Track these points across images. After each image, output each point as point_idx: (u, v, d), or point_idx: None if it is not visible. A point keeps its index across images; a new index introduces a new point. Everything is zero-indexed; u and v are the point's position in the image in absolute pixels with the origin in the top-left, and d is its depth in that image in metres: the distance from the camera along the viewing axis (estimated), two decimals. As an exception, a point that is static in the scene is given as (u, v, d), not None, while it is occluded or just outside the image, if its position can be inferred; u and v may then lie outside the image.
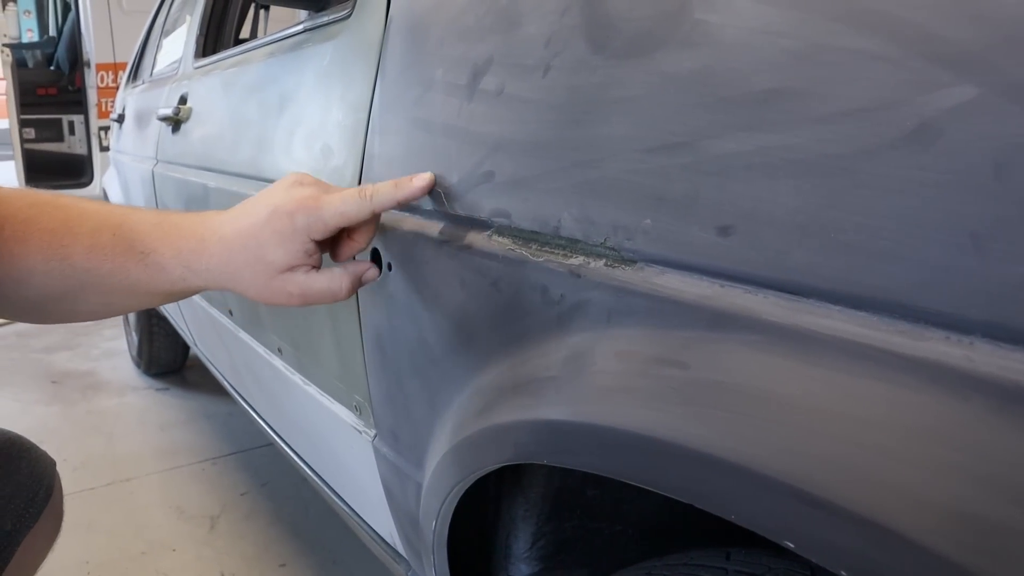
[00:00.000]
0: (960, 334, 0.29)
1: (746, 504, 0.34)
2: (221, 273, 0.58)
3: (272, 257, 0.56)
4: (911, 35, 0.31)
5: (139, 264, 0.57)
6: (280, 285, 0.57)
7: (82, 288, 0.58)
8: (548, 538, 0.66)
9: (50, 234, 0.56)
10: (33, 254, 0.56)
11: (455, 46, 0.60)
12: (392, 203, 0.58)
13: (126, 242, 0.57)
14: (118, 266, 0.57)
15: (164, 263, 0.58)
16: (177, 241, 0.58)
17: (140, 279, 0.58)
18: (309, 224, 0.56)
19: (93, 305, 0.60)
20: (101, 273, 0.57)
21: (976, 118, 0.29)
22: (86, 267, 0.57)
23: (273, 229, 0.56)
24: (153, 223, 0.59)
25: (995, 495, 0.27)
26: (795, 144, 0.35)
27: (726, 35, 0.39)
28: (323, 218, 0.56)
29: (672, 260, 0.41)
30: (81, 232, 0.57)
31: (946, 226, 0.30)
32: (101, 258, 0.57)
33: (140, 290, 0.59)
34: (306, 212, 0.56)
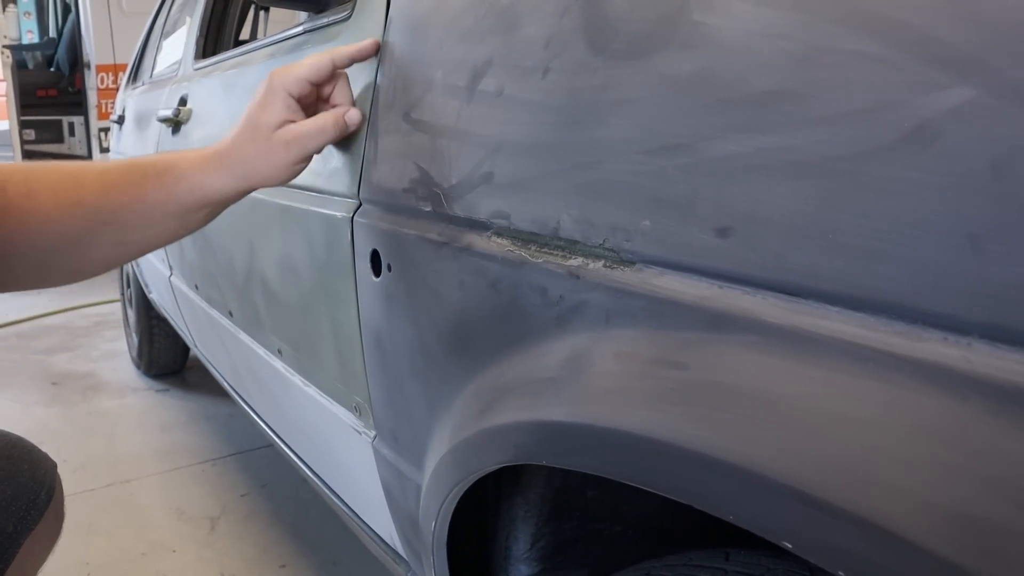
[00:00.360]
0: (958, 335, 0.29)
1: (744, 505, 0.34)
2: (233, 163, 0.65)
3: (262, 119, 0.64)
4: (909, 37, 0.31)
5: (156, 183, 0.63)
6: (276, 140, 0.64)
7: (97, 229, 0.61)
8: (548, 539, 0.66)
9: (57, 184, 0.60)
10: (44, 203, 0.59)
11: (454, 48, 0.60)
12: (347, 58, 0.67)
13: (137, 172, 0.63)
14: (134, 195, 0.62)
15: (181, 172, 0.63)
16: (191, 154, 0.65)
17: (158, 199, 0.63)
18: (284, 81, 0.65)
19: (106, 247, 0.64)
20: (116, 207, 0.61)
21: (974, 120, 0.29)
22: (100, 205, 0.61)
23: (258, 102, 0.65)
24: (158, 155, 0.66)
25: (994, 496, 0.27)
26: (794, 146, 0.35)
27: (725, 37, 0.39)
28: (293, 72, 0.65)
29: (671, 261, 0.41)
30: (87, 179, 0.61)
31: (944, 227, 0.30)
32: (115, 193, 0.61)
33: (156, 213, 0.64)
34: (280, 74, 0.65)
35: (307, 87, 0.65)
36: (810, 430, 0.32)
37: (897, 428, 0.30)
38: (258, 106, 0.65)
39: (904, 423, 0.29)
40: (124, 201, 0.61)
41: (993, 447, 0.27)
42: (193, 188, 0.64)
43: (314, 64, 0.65)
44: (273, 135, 0.64)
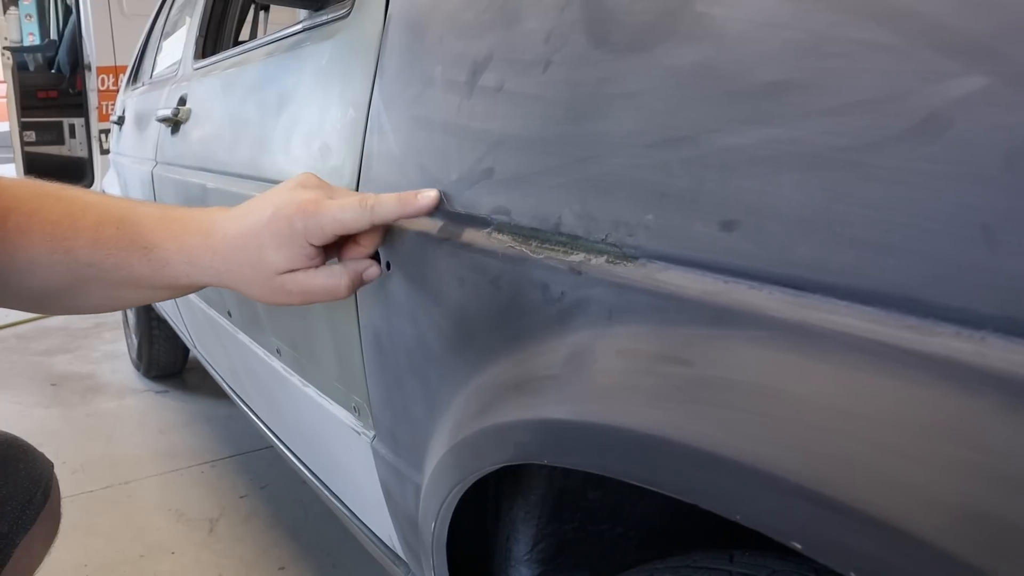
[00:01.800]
0: (972, 329, 0.28)
1: (752, 504, 0.33)
2: (224, 271, 0.58)
3: (272, 259, 0.56)
4: (918, 25, 0.31)
5: (143, 259, 0.57)
6: (280, 284, 0.57)
7: (85, 282, 0.58)
8: (548, 540, 0.65)
9: (53, 225, 0.56)
10: (36, 246, 0.55)
11: (454, 43, 0.60)
12: (393, 217, 0.57)
13: (129, 236, 0.57)
14: (121, 260, 0.57)
15: (168, 258, 0.58)
16: (181, 237, 0.58)
17: (144, 274, 0.58)
18: (307, 228, 0.55)
19: (97, 299, 0.60)
20: (105, 267, 0.57)
21: (986, 109, 0.28)
22: (89, 261, 0.57)
23: (272, 231, 0.56)
24: (157, 217, 0.59)
25: (1010, 493, 0.26)
26: (800, 137, 0.34)
27: (729, 28, 0.38)
28: (321, 224, 0.55)
29: (675, 256, 0.40)
30: (84, 225, 0.57)
31: (956, 219, 0.29)
32: (105, 252, 0.57)
33: (143, 284, 0.59)
34: (304, 217, 0.55)
35: (333, 239, 0.57)
36: (820, 427, 0.31)
37: (910, 425, 0.29)
38: (270, 237, 0.56)
39: (917, 420, 0.29)
40: (112, 263, 0.57)
41: (1009, 444, 0.26)
42: (178, 276, 0.58)
43: (347, 220, 0.56)
44: (277, 277, 0.57)
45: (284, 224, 0.56)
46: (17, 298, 0.59)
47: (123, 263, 0.57)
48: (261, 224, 0.56)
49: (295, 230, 0.55)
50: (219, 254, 0.58)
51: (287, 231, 0.56)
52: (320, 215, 0.55)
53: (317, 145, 0.82)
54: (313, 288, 0.58)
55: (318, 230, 0.55)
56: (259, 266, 0.57)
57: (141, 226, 0.58)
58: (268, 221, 0.56)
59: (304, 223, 0.55)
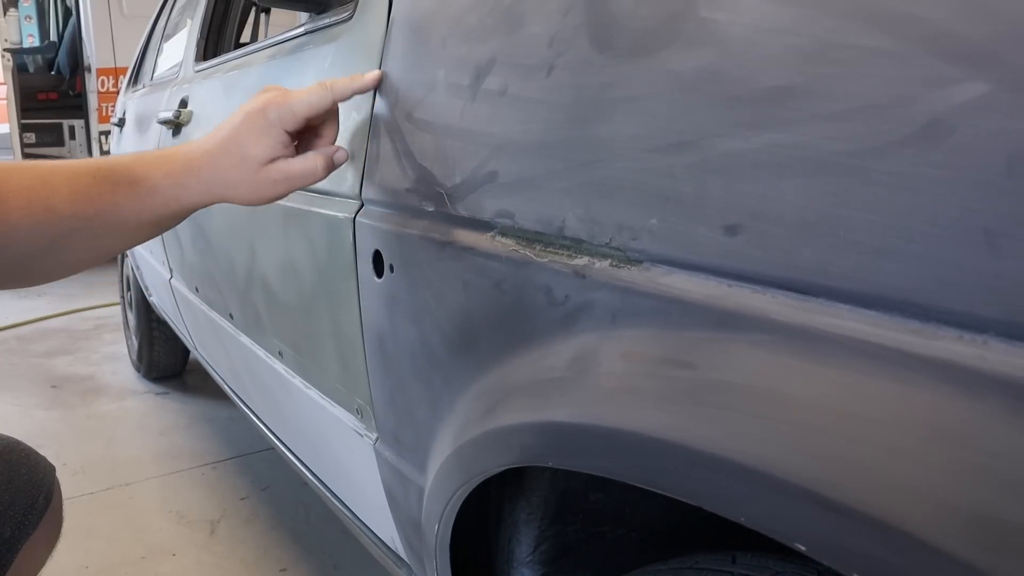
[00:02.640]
0: (974, 333, 0.29)
1: (756, 506, 0.33)
2: (211, 180, 0.62)
3: (253, 152, 0.61)
4: (921, 31, 0.31)
5: (129, 194, 0.60)
6: (265, 176, 0.62)
7: (69, 235, 0.59)
8: (551, 542, 0.66)
9: (26, 190, 0.57)
10: (12, 212, 0.56)
11: (457, 47, 0.60)
12: (349, 92, 0.65)
13: (111, 180, 0.60)
14: (106, 204, 0.59)
15: (155, 185, 0.61)
16: (164, 164, 0.62)
17: (132, 210, 0.60)
18: (281, 116, 0.61)
19: (80, 252, 0.61)
20: (88, 216, 0.59)
21: (988, 114, 0.29)
22: (71, 213, 0.58)
23: (249, 128, 0.62)
24: (134, 158, 0.63)
25: (1011, 496, 0.26)
26: (804, 142, 0.35)
27: (732, 33, 0.39)
28: (292, 108, 0.62)
29: (678, 260, 0.40)
30: (58, 184, 0.58)
31: (958, 223, 0.29)
32: (86, 201, 0.58)
33: (131, 223, 0.61)
34: (276, 106, 0.62)
35: (303, 123, 0.63)
36: (823, 430, 0.31)
37: (912, 428, 0.29)
38: (249, 133, 0.62)
39: (919, 423, 0.29)
40: (96, 209, 0.59)
41: (1011, 447, 0.27)
42: (168, 201, 0.61)
43: (313, 101, 0.62)
44: (262, 169, 0.62)
45: (259, 118, 0.62)
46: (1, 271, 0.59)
47: (108, 206, 0.59)
48: (237, 126, 0.62)
49: (270, 120, 0.61)
50: (204, 167, 0.62)
51: (262, 123, 0.61)
52: (290, 102, 0.62)
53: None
54: (293, 172, 0.62)
55: (290, 115, 0.62)
56: (243, 164, 0.61)
57: (120, 167, 0.61)
58: (243, 120, 0.62)
59: (277, 111, 0.61)
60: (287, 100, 0.62)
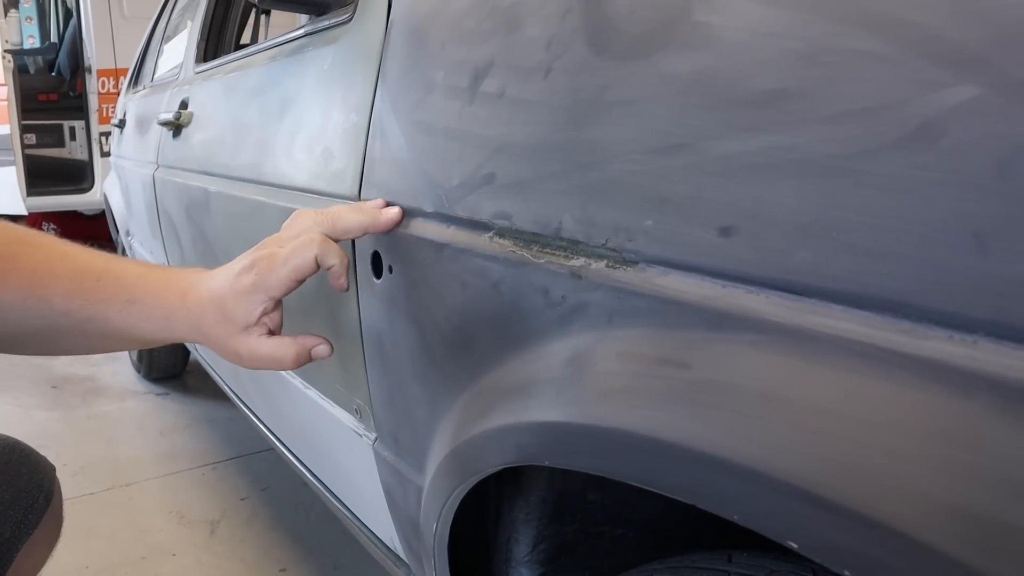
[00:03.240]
0: (964, 333, 0.29)
1: (749, 504, 0.34)
2: (197, 325, 0.60)
3: (234, 315, 0.59)
4: (912, 35, 0.31)
5: (121, 312, 0.59)
6: (234, 345, 0.60)
7: (57, 330, 0.58)
8: (549, 541, 0.66)
9: (30, 273, 0.56)
10: (11, 292, 0.56)
11: (456, 49, 0.60)
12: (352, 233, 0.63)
13: (110, 290, 0.59)
14: (99, 312, 0.58)
15: (148, 313, 0.59)
16: (162, 293, 0.60)
17: (119, 327, 0.59)
18: (270, 286, 0.58)
19: (66, 345, 0.61)
20: (80, 318, 0.58)
21: (978, 117, 0.29)
22: (65, 311, 0.57)
23: (236, 290, 0.59)
24: (138, 273, 0.61)
25: (1000, 494, 0.26)
26: (797, 144, 0.35)
27: (727, 36, 0.39)
28: (281, 275, 0.58)
29: (674, 261, 0.41)
30: (62, 275, 0.58)
31: (949, 225, 0.29)
32: (81, 303, 0.58)
33: (116, 336, 0.60)
34: (266, 270, 0.58)
35: (293, 286, 0.59)
36: (815, 429, 0.32)
37: (903, 427, 0.29)
38: (235, 295, 0.59)
39: (910, 422, 0.29)
40: (87, 315, 0.58)
41: (1000, 445, 0.27)
42: (156, 330, 0.60)
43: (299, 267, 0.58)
44: (236, 336, 0.59)
45: (245, 280, 0.59)
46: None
47: (99, 315, 0.58)
48: (228, 283, 0.59)
49: (256, 285, 0.58)
50: (193, 312, 0.60)
51: (248, 286, 0.58)
52: (275, 268, 0.58)
53: (319, 149, 0.83)
54: (258, 354, 0.60)
55: (279, 285, 0.58)
56: (223, 323, 0.59)
57: (124, 280, 0.59)
58: (235, 278, 0.59)
59: (268, 280, 0.58)
60: (275, 265, 0.58)
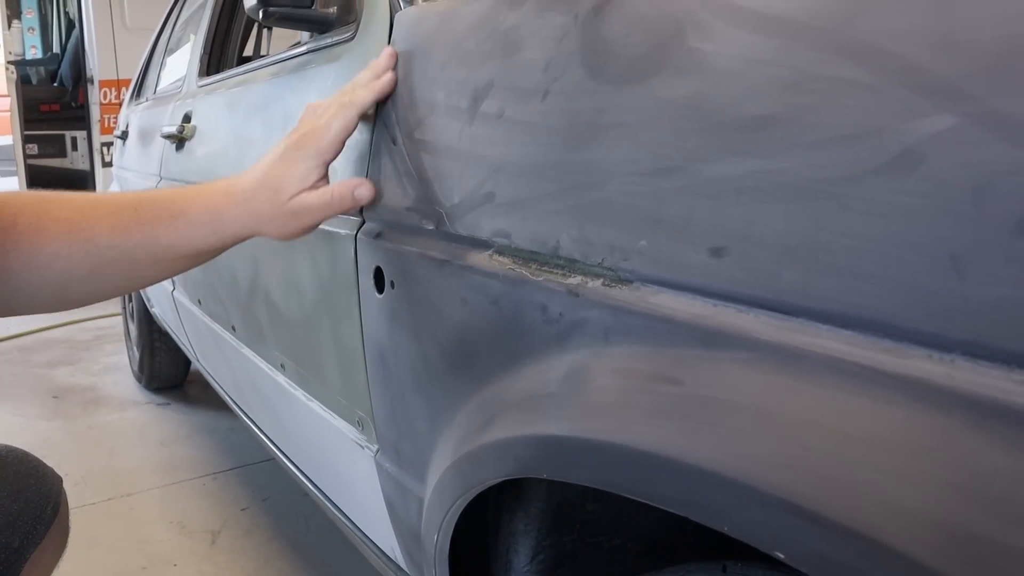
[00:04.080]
0: (942, 352, 0.30)
1: (738, 516, 0.35)
2: (246, 215, 0.63)
3: (288, 184, 0.63)
4: (894, 65, 0.33)
5: (169, 228, 0.61)
6: (288, 208, 0.63)
7: (108, 265, 0.60)
8: (548, 552, 0.67)
9: (67, 221, 0.59)
10: (54, 240, 0.58)
11: (456, 70, 0.62)
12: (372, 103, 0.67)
13: (152, 212, 0.61)
14: (146, 235, 0.61)
15: (195, 220, 0.62)
16: (205, 199, 0.63)
17: (170, 243, 0.62)
18: (320, 149, 0.63)
19: (118, 280, 0.63)
20: (128, 246, 0.60)
21: (956, 146, 0.30)
22: (111, 244, 0.60)
23: (286, 162, 0.63)
24: (176, 192, 0.64)
25: (975, 507, 0.28)
26: (784, 169, 0.36)
27: (719, 63, 0.41)
28: (328, 138, 0.63)
29: (667, 280, 0.42)
30: (98, 215, 0.60)
31: (928, 249, 0.31)
32: (126, 233, 0.60)
33: (168, 255, 0.63)
34: (315, 139, 0.63)
35: (340, 149, 0.64)
36: (801, 444, 0.33)
37: (884, 442, 0.31)
38: (284, 167, 0.63)
39: (891, 437, 0.31)
40: (136, 241, 0.60)
41: (975, 460, 0.28)
42: (206, 236, 0.63)
43: (345, 126, 0.64)
44: (290, 201, 0.63)
45: (294, 151, 0.63)
46: (38, 296, 0.61)
47: (148, 238, 0.61)
48: (274, 160, 0.63)
49: (307, 153, 0.63)
50: (240, 203, 0.63)
51: (298, 155, 0.63)
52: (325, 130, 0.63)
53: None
54: (313, 205, 0.63)
55: (329, 147, 0.63)
56: (275, 197, 0.63)
57: (161, 201, 0.62)
58: (280, 155, 0.63)
59: (316, 144, 0.63)
60: (322, 128, 0.63)
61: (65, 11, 5.71)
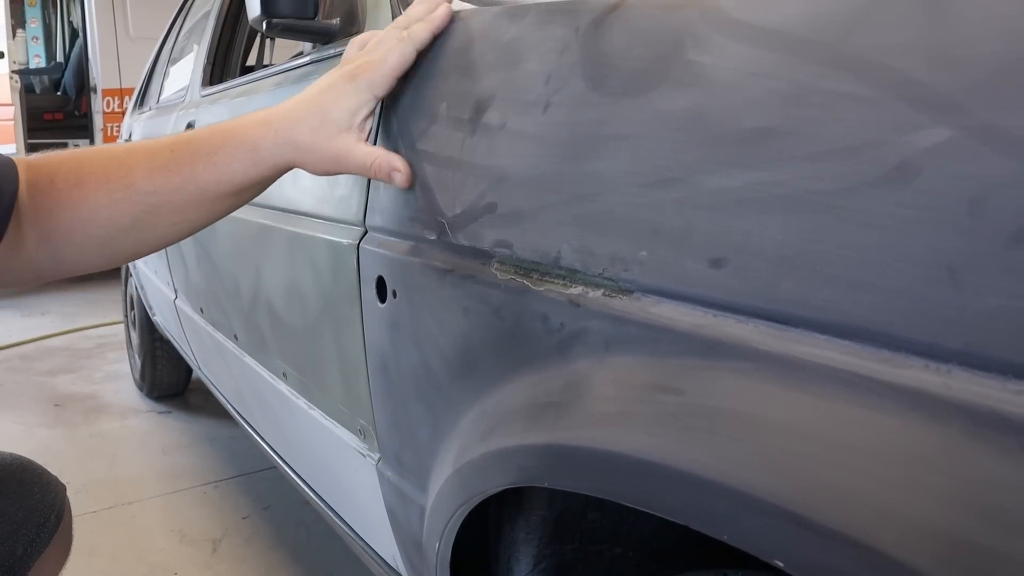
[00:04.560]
0: (939, 362, 0.31)
1: (738, 525, 0.35)
2: (285, 142, 0.61)
3: (337, 117, 0.61)
4: (891, 79, 0.33)
5: (207, 165, 0.60)
6: (335, 146, 0.61)
7: (151, 211, 0.59)
8: (549, 561, 0.67)
9: (104, 171, 0.58)
10: (93, 192, 0.57)
11: (459, 81, 0.63)
12: (429, 38, 0.64)
13: (188, 153, 0.60)
14: (186, 176, 0.59)
15: (233, 154, 0.60)
16: (241, 131, 0.62)
17: (210, 180, 0.60)
18: (371, 82, 0.61)
19: (163, 227, 0.62)
20: (168, 189, 0.59)
21: (952, 159, 0.31)
22: (151, 188, 0.59)
23: (337, 93, 0.61)
24: (211, 129, 0.62)
25: (973, 517, 0.28)
26: (783, 180, 0.37)
27: (718, 76, 0.41)
28: (383, 71, 0.62)
29: (667, 290, 0.42)
30: (135, 162, 0.59)
31: (924, 260, 0.31)
32: (165, 176, 0.59)
33: (210, 194, 0.61)
34: (367, 71, 0.61)
35: (394, 84, 0.63)
36: (799, 453, 0.33)
37: (882, 451, 0.31)
38: (335, 97, 0.61)
39: (889, 446, 0.31)
40: (176, 183, 0.59)
41: (972, 469, 0.29)
42: (247, 168, 0.61)
43: (402, 61, 0.62)
44: (334, 138, 0.61)
45: (347, 82, 0.61)
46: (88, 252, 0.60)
47: (188, 179, 0.59)
48: (323, 89, 0.61)
49: (359, 85, 0.61)
50: (281, 129, 0.61)
51: (351, 87, 0.61)
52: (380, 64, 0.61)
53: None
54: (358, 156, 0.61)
55: (383, 81, 0.62)
56: (322, 128, 0.60)
57: (196, 140, 0.61)
58: (330, 85, 0.61)
59: (368, 78, 0.61)
60: (375, 65, 0.61)
61: (69, 20, 5.75)
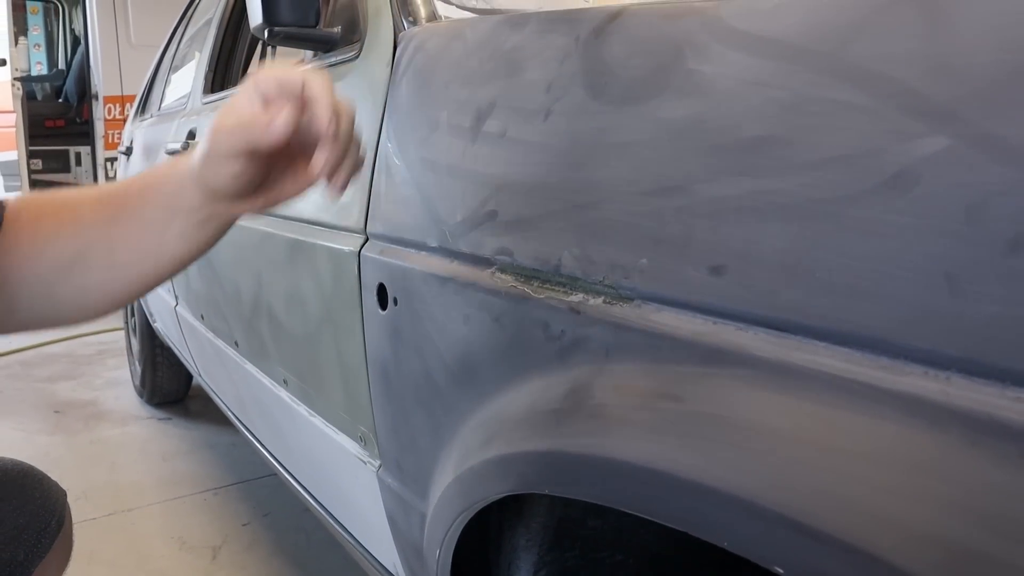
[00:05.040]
0: (937, 369, 0.31)
1: (737, 531, 0.35)
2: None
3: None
4: (889, 89, 0.34)
5: (156, 194, 0.57)
6: None
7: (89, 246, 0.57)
8: (550, 568, 0.67)
9: (60, 205, 0.58)
10: (46, 225, 0.57)
11: (460, 89, 0.63)
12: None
13: (138, 185, 0.58)
14: (133, 207, 0.57)
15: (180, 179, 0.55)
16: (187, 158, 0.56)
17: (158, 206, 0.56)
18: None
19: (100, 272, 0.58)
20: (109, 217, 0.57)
21: (949, 167, 0.31)
22: (94, 220, 0.57)
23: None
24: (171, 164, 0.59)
25: (971, 523, 0.28)
26: (783, 189, 0.37)
27: (718, 85, 0.41)
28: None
29: (667, 298, 0.43)
30: (88, 195, 0.59)
31: (923, 268, 0.31)
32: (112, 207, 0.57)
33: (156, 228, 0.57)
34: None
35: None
36: (798, 460, 0.34)
37: (881, 458, 0.31)
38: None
39: (888, 453, 0.31)
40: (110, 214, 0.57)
41: (971, 476, 0.29)
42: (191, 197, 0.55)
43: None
44: None
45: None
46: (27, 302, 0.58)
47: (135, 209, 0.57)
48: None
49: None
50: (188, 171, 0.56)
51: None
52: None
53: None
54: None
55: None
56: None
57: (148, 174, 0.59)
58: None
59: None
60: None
61: (71, 28, 5.77)
